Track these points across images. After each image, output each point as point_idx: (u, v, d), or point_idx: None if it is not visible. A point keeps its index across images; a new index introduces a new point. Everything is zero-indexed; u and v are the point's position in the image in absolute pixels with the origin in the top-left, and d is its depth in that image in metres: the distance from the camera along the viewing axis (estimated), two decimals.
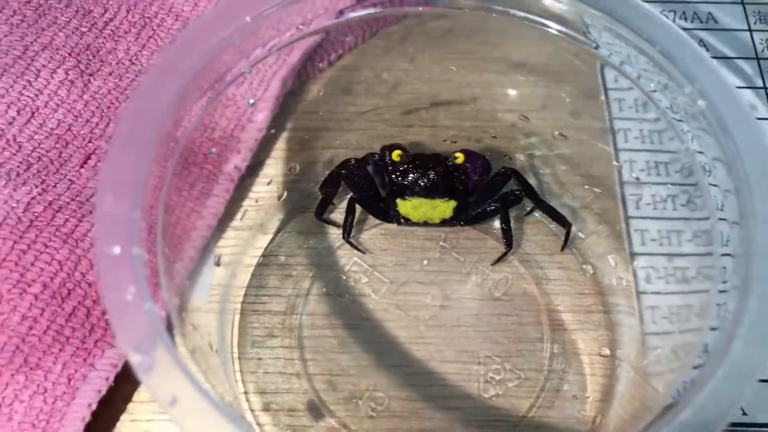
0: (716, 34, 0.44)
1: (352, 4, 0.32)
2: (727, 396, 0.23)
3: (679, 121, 0.32)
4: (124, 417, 0.32)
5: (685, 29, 0.43)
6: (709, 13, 0.46)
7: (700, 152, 0.29)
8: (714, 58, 0.43)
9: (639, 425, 0.28)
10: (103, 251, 0.23)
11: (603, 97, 0.40)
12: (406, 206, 0.36)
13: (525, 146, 0.39)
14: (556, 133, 0.38)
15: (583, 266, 0.36)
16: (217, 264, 0.34)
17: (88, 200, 0.35)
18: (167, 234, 0.33)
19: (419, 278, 0.36)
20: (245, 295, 0.35)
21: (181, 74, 0.27)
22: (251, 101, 0.36)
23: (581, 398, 0.33)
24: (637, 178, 0.38)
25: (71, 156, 0.37)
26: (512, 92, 0.39)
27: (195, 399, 0.21)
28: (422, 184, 0.35)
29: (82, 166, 0.36)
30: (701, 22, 0.45)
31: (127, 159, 0.25)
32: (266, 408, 0.33)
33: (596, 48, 0.33)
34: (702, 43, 0.44)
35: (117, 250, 0.23)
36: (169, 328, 0.25)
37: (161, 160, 0.28)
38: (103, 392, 0.31)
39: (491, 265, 0.36)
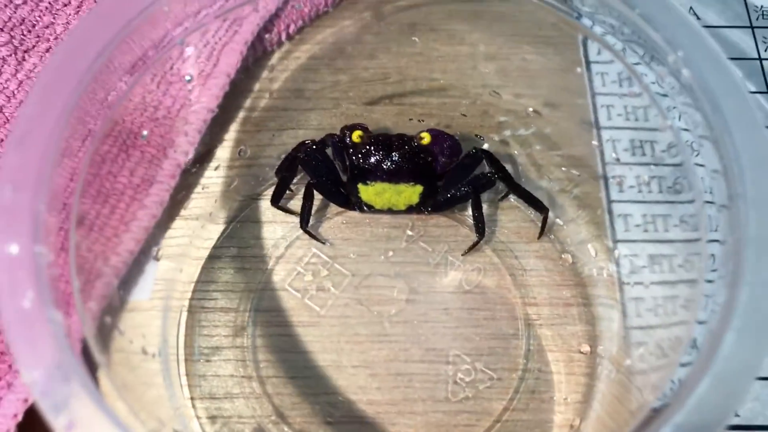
0: (707, 2, 0.41)
1: None
2: (722, 397, 0.21)
3: (664, 96, 0.29)
4: None
5: None
6: None
7: (686, 129, 0.26)
8: (705, 27, 0.40)
9: (623, 431, 0.26)
10: None
11: (584, 71, 0.37)
12: (368, 192, 0.33)
13: (498, 125, 0.36)
14: (532, 110, 0.35)
15: (562, 255, 0.33)
16: (157, 258, 0.31)
17: None
18: (100, 230, 0.30)
19: (384, 270, 0.33)
20: (193, 291, 0.32)
21: (98, 45, 0.24)
22: (188, 78, 0.33)
23: (558, 400, 0.30)
24: (618, 159, 0.35)
25: (2, 141, 0.33)
26: (485, 66, 0.36)
27: None
28: (385, 167, 0.32)
29: None
30: None
31: (32, 145, 0.22)
32: (215, 415, 0.30)
33: (578, 18, 0.30)
34: (692, 11, 0.41)
35: (14, 249, 0.20)
36: (83, 340, 0.22)
37: (77, 143, 0.25)
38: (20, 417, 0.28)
39: (462, 255, 0.33)
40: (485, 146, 0.35)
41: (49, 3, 0.37)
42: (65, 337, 0.19)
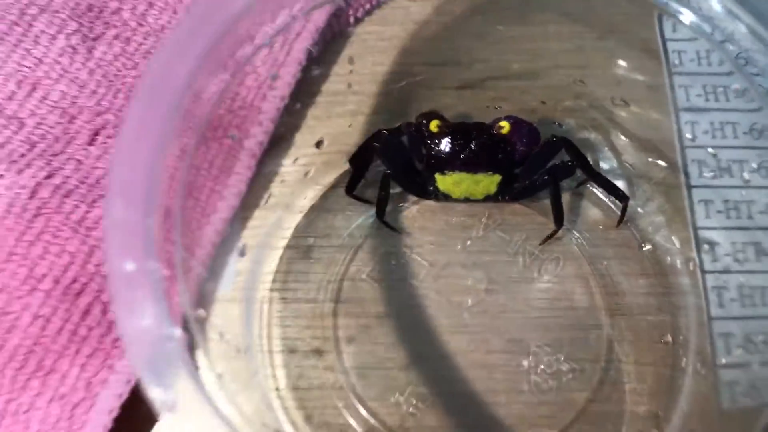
0: None
1: None
2: None
3: (756, 74, 0.28)
4: (149, 426, 0.30)
5: None
6: None
7: None
8: None
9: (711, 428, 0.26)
10: (115, 268, 0.20)
11: (660, 51, 0.36)
12: (446, 182, 0.32)
13: (575, 109, 0.35)
14: (609, 95, 0.34)
15: (642, 244, 0.33)
16: (242, 254, 0.31)
17: (98, 182, 0.32)
18: (185, 224, 0.30)
19: (461, 260, 0.33)
20: (273, 282, 0.33)
21: (196, 48, 0.24)
22: (273, 75, 0.33)
23: (642, 391, 0.30)
24: (697, 142, 0.35)
25: (78, 133, 0.33)
26: (560, 48, 0.35)
27: None
28: (463, 157, 0.32)
29: (90, 144, 0.33)
30: None
31: (139, 154, 0.22)
32: (300, 406, 0.30)
33: None
34: None
35: (130, 266, 0.20)
36: (190, 347, 0.22)
37: (179, 144, 0.25)
38: (125, 397, 0.28)
39: (540, 244, 0.33)
40: (563, 132, 0.34)
41: None
42: (185, 351, 0.20)
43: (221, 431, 0.19)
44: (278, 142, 0.34)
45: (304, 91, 0.35)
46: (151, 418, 0.29)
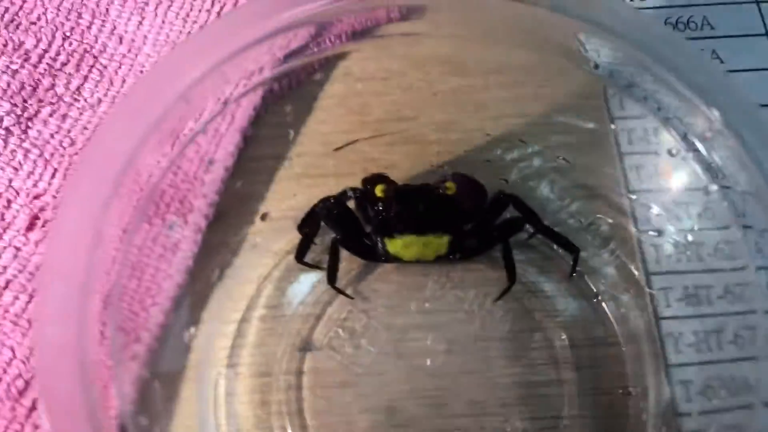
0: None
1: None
2: None
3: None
4: None
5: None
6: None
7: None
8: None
9: None
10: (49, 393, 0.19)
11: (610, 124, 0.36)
12: (395, 245, 0.32)
13: (519, 160, 0.35)
14: (553, 143, 0.34)
15: (598, 294, 0.33)
16: (192, 332, 0.30)
17: (38, 270, 0.31)
18: (128, 308, 0.29)
19: (419, 322, 0.32)
20: (228, 357, 0.32)
21: (138, 126, 0.23)
22: (209, 160, 0.32)
23: None
24: (642, 188, 0.35)
25: (15, 218, 0.32)
26: (501, 98, 0.35)
27: None
28: (411, 220, 0.32)
29: (29, 230, 0.32)
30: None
31: (77, 239, 0.21)
32: None
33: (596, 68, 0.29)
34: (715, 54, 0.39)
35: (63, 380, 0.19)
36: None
37: (120, 225, 0.24)
38: None
39: (494, 301, 0.33)
40: (509, 187, 0.34)
41: (48, 64, 0.36)
42: None
43: None
44: (222, 215, 0.33)
45: (249, 156, 0.34)
46: None
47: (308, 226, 0.33)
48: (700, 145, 0.27)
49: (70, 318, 0.21)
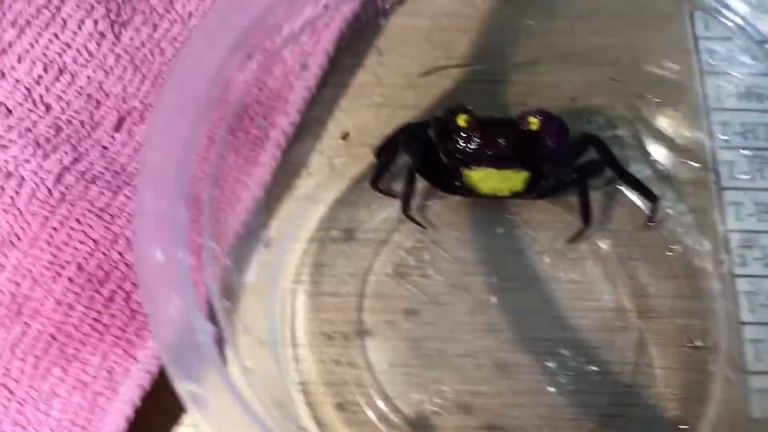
0: None
1: None
2: None
3: None
4: (172, 418, 0.29)
5: None
6: None
7: None
8: None
9: None
10: (144, 256, 0.20)
11: (693, 49, 0.36)
12: (472, 177, 0.32)
13: (604, 107, 0.34)
14: (640, 93, 0.33)
15: (671, 245, 0.32)
16: (266, 246, 0.31)
17: (123, 169, 0.32)
18: (212, 213, 0.30)
19: (487, 257, 0.32)
20: (296, 274, 0.32)
21: (227, 38, 0.23)
22: (302, 64, 0.32)
23: (669, 396, 0.30)
24: (729, 143, 0.34)
25: (103, 118, 0.33)
26: (590, 44, 0.35)
27: None
28: (491, 153, 0.31)
29: (116, 130, 0.33)
30: None
31: (170, 142, 0.21)
32: (321, 402, 0.30)
33: None
34: None
35: (159, 255, 0.20)
36: (217, 339, 0.22)
37: (208, 133, 0.25)
38: (148, 388, 0.28)
39: (567, 242, 0.32)
40: (593, 130, 0.33)
41: None
42: (213, 344, 0.19)
43: (247, 425, 0.18)
44: (304, 133, 0.33)
45: (332, 82, 0.35)
46: (175, 410, 0.29)
47: (386, 152, 0.33)
48: None
49: (166, 216, 0.21)
